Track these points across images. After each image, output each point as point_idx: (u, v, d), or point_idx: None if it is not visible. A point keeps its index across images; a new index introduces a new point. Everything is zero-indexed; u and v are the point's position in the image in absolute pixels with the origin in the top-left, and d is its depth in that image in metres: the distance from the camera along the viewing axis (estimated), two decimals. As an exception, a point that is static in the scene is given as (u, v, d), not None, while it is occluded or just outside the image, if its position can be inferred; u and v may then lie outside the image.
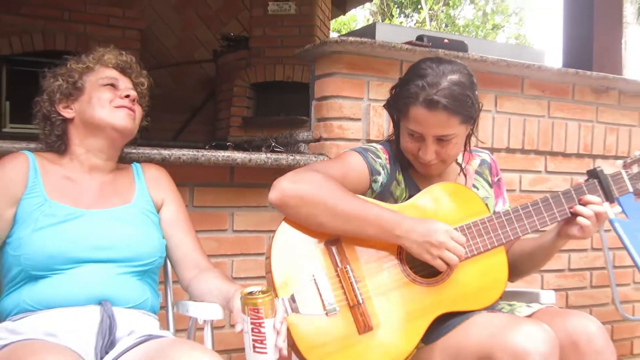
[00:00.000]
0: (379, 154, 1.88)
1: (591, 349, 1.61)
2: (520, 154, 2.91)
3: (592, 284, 3.14)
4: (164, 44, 6.93)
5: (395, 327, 1.69)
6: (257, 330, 1.40)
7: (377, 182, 1.84)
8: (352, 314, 1.67)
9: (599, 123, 3.09)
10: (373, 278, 1.72)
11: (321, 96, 2.55)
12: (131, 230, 1.69)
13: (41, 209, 1.61)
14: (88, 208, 1.67)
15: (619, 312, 2.78)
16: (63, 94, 1.74)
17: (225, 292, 1.63)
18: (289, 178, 1.70)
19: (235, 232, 2.46)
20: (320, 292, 1.67)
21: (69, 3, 5.97)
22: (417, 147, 1.78)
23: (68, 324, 1.52)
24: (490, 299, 1.78)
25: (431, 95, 1.68)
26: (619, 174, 1.82)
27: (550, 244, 1.84)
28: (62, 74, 1.77)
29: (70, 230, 1.60)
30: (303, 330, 1.63)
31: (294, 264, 1.70)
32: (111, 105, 1.72)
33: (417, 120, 1.73)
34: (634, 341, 3.29)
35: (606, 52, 3.38)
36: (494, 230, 1.76)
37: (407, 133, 1.80)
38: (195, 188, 2.38)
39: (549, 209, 1.77)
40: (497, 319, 1.62)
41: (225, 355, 2.44)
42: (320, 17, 6.62)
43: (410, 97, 1.73)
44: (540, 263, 1.92)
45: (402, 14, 17.96)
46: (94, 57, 1.79)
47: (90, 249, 1.60)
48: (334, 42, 2.48)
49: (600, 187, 1.80)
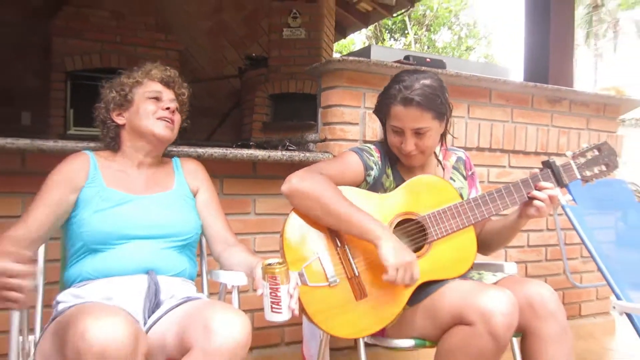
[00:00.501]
0: (372, 152, 1.88)
1: (545, 311, 1.62)
2: (488, 152, 2.90)
3: (547, 257, 3.14)
4: (199, 63, 6.91)
5: (386, 293, 1.70)
6: (274, 294, 1.41)
7: (370, 176, 1.85)
8: (350, 284, 1.69)
9: (553, 127, 3.08)
10: (367, 255, 1.72)
11: (326, 105, 2.55)
12: (171, 212, 1.70)
13: (100, 195, 1.62)
14: (137, 194, 1.68)
15: (569, 280, 2.78)
16: (116, 104, 1.75)
17: (249, 263, 1.64)
18: (298, 175, 1.71)
19: (257, 215, 2.47)
20: (323, 267, 1.69)
21: (122, 30, 6.05)
22: (400, 140, 1.79)
23: (121, 290, 1.54)
24: (462, 269, 1.78)
25: (406, 95, 1.71)
26: (569, 164, 1.81)
27: (514, 223, 1.83)
28: (116, 86, 1.77)
29: (123, 212, 1.62)
30: (311, 298, 1.66)
31: (302, 244, 1.72)
32: (154, 116, 1.71)
33: (397, 116, 1.75)
34: (582, 304, 3.28)
35: (559, 69, 3.36)
36: (465, 213, 1.76)
37: (391, 130, 1.81)
38: (224, 179, 2.39)
39: (510, 195, 1.77)
40: (468, 285, 1.63)
41: (249, 314, 2.44)
42: (325, 41, 6.61)
43: (390, 98, 1.76)
44: (507, 240, 1.91)
45: (392, 37, 17.87)
46: (142, 72, 1.79)
47: (138, 228, 1.62)
48: (336, 61, 2.49)
49: (552, 175, 1.79)
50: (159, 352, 1.42)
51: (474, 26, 18.82)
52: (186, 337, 1.34)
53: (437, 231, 1.75)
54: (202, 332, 1.31)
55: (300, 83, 6.30)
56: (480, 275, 1.86)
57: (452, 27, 18.58)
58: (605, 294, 3.34)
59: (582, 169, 1.82)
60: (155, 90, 1.76)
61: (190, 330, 1.34)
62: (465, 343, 1.52)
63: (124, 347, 1.19)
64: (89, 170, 1.67)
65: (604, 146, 1.84)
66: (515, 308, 1.53)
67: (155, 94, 1.75)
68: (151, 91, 1.75)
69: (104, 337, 1.18)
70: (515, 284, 1.69)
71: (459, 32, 18.65)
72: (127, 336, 1.20)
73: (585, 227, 2.35)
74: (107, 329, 1.19)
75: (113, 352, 1.18)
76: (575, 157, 1.83)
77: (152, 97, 1.74)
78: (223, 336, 1.29)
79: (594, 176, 1.82)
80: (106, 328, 1.19)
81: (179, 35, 6.49)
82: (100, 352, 1.16)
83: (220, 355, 1.28)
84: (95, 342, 1.17)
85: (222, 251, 1.78)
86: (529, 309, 1.62)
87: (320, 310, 1.66)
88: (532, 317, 1.62)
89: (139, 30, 6.11)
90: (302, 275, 1.66)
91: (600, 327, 3.33)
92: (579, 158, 1.82)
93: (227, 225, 1.83)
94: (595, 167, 1.82)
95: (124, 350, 1.19)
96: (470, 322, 1.51)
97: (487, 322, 1.48)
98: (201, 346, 1.29)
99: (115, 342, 1.18)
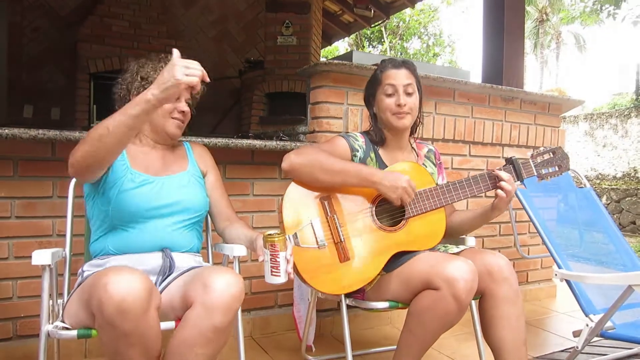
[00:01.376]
0: (357, 138, 1.87)
1: (501, 276, 1.63)
2: (452, 142, 2.90)
3: (500, 233, 3.16)
4: (205, 65, 6.77)
5: (365, 258, 1.71)
6: (274, 260, 1.41)
7: (356, 156, 1.83)
8: (336, 248, 1.69)
9: (506, 122, 3.08)
10: (352, 224, 1.73)
11: (315, 101, 2.52)
12: (186, 190, 1.65)
13: (125, 175, 1.55)
14: (156, 175, 1.62)
15: (519, 252, 2.80)
16: (136, 91, 1.63)
17: (248, 237, 1.63)
18: (294, 152, 1.73)
19: (255, 196, 2.45)
20: (315, 232, 1.70)
21: (139, 37, 6.08)
22: (394, 100, 1.80)
23: (138, 265, 1.51)
24: (432, 243, 1.79)
25: (395, 59, 1.84)
26: (528, 162, 1.83)
27: (485, 214, 1.82)
28: (142, 74, 1.66)
29: (145, 193, 1.56)
30: (302, 258, 1.66)
31: (298, 212, 1.72)
32: (170, 115, 1.63)
33: (390, 76, 1.81)
34: (529, 273, 3.31)
35: (512, 72, 3.36)
36: (438, 197, 1.77)
37: (384, 96, 1.82)
38: (227, 165, 2.37)
39: (477, 184, 1.79)
40: (436, 256, 1.63)
41: (248, 281, 2.45)
42: (313, 47, 6.59)
43: (381, 69, 1.84)
44: (477, 227, 1.90)
45: (370, 45, 17.77)
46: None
47: (158, 208, 1.57)
48: (323, 64, 2.46)
49: (513, 170, 1.81)
50: (170, 312, 1.40)
51: (439, 36, 18.73)
52: (188, 295, 1.33)
53: (414, 209, 1.76)
54: (201, 289, 1.30)
55: (292, 83, 6.30)
56: (446, 248, 1.86)
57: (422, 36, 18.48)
58: (548, 264, 3.38)
59: (539, 168, 1.84)
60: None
61: (192, 289, 1.33)
62: (433, 305, 1.53)
63: (140, 299, 1.19)
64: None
65: (558, 150, 1.87)
66: (475, 276, 1.54)
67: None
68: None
69: (123, 289, 1.18)
70: (475, 254, 1.70)
71: (427, 41, 18.55)
72: (142, 289, 1.20)
73: (532, 207, 2.36)
74: (126, 283, 1.19)
75: (130, 303, 1.17)
76: (533, 157, 1.85)
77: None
78: (220, 290, 1.28)
79: (548, 174, 1.85)
80: (125, 282, 1.19)
81: (187, 42, 6.48)
82: (119, 301, 1.17)
83: (217, 307, 1.27)
84: (116, 293, 1.17)
85: (225, 227, 1.75)
86: (487, 275, 1.63)
87: (309, 269, 1.67)
88: (490, 281, 1.63)
89: (153, 37, 6.13)
90: (295, 237, 1.66)
91: (544, 292, 3.37)
92: (536, 158, 1.85)
93: (230, 204, 1.80)
94: (550, 167, 1.85)
95: (140, 301, 1.19)
96: (437, 287, 1.52)
97: (452, 287, 1.49)
98: (201, 300, 1.28)
99: (132, 294, 1.18)
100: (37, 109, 5.74)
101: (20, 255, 1.99)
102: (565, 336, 2.60)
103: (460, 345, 2.41)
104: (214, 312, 1.27)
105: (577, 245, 2.46)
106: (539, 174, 1.84)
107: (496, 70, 3.39)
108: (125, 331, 1.19)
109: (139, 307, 1.19)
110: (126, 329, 1.19)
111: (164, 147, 1.71)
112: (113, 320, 1.18)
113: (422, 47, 18.59)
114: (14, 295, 2.01)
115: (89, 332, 1.34)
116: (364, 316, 2.66)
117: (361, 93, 2.49)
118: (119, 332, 1.19)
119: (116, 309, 1.17)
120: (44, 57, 5.88)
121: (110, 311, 1.17)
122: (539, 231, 2.27)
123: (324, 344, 2.39)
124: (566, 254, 2.27)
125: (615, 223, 2.49)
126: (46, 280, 1.42)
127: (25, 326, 2.03)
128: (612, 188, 8.93)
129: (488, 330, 1.67)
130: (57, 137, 1.90)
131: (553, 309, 3.15)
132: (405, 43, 18.18)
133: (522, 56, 3.46)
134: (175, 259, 1.57)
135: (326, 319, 2.55)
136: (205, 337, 1.28)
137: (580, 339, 2.01)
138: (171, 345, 1.31)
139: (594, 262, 2.37)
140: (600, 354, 2.32)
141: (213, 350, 1.31)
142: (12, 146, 1.95)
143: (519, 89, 3.14)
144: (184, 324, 1.30)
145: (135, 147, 1.66)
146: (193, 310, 1.29)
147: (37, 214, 2.02)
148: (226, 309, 1.28)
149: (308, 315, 2.13)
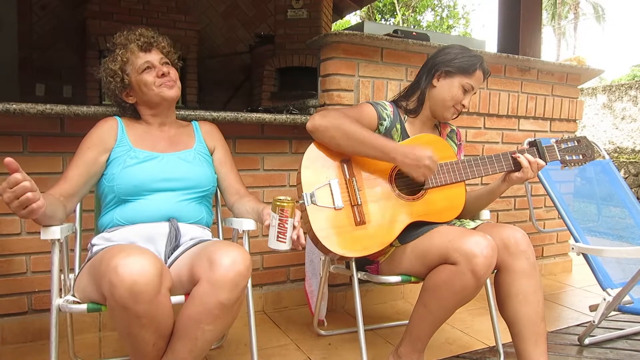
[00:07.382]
0: (386, 107, 1.84)
1: (518, 250, 1.60)
2: (467, 115, 2.84)
3: (515, 207, 3.11)
4: (215, 41, 6.79)
5: (381, 224, 1.69)
6: (281, 225, 1.39)
7: (383, 125, 1.81)
8: (352, 211, 1.68)
9: (522, 93, 3.00)
10: (370, 189, 1.72)
11: (325, 74, 2.47)
12: (191, 167, 1.65)
13: (128, 154, 1.58)
14: (161, 152, 1.63)
15: (534, 226, 2.76)
16: (119, 90, 1.65)
17: (256, 210, 1.61)
18: (320, 114, 1.70)
19: (265, 171, 2.42)
20: (332, 193, 1.68)
21: (146, 13, 6.00)
22: (462, 98, 1.80)
23: (147, 234, 1.52)
24: (450, 216, 1.78)
25: (485, 66, 1.82)
26: (552, 147, 1.83)
27: (495, 188, 1.84)
28: (110, 75, 1.65)
29: (149, 167, 1.57)
30: (317, 217, 1.65)
31: (317, 172, 1.70)
32: (156, 86, 1.61)
33: (478, 79, 1.81)
34: (544, 247, 3.28)
35: (529, 42, 3.27)
36: (459, 171, 1.77)
37: (461, 86, 1.80)
38: (236, 140, 2.34)
39: (499, 162, 1.79)
40: (454, 230, 1.60)
41: (259, 256, 2.44)
42: (324, 20, 6.50)
43: (475, 64, 1.80)
44: (486, 204, 1.90)
45: (382, 18, 17.50)
46: (122, 50, 1.65)
47: (162, 181, 1.57)
48: (334, 34, 2.39)
49: (537, 153, 1.81)
50: (179, 287, 1.40)
51: (454, 8, 18.36)
52: (194, 271, 1.32)
53: (434, 181, 1.75)
54: (207, 265, 1.29)
55: (303, 57, 6.24)
56: (462, 222, 1.82)
57: (435, 8, 18.16)
58: (564, 238, 3.33)
59: (564, 154, 1.84)
60: (144, 62, 1.62)
61: (198, 264, 1.32)
62: (450, 280, 1.51)
63: (151, 281, 1.18)
64: (118, 133, 1.61)
65: (583, 139, 1.87)
66: (495, 252, 1.51)
67: (145, 65, 1.62)
68: (140, 65, 1.62)
69: (135, 272, 1.16)
70: (492, 228, 1.67)
71: (440, 13, 18.23)
72: (153, 272, 1.19)
73: (550, 180, 2.32)
74: (137, 265, 1.17)
75: (142, 285, 1.16)
76: (558, 142, 1.85)
77: (145, 69, 1.62)
78: (225, 267, 1.26)
79: (572, 162, 1.84)
80: (136, 264, 1.17)
81: (196, 17, 6.40)
82: (130, 284, 1.15)
83: (223, 284, 1.26)
84: (127, 276, 1.16)
85: (234, 202, 1.73)
86: (504, 249, 1.60)
87: (323, 228, 1.65)
88: (507, 255, 1.60)
89: (162, 12, 6.05)
90: (312, 196, 1.65)
91: (559, 267, 3.34)
92: (560, 144, 1.85)
93: (239, 179, 1.78)
94: (574, 155, 1.85)
95: (151, 283, 1.18)
96: (455, 262, 1.49)
97: (470, 263, 1.47)
98: (206, 277, 1.27)
99: (143, 276, 1.17)
100: (49, 88, 5.74)
101: (32, 230, 2.00)
102: (581, 310, 2.57)
103: (474, 320, 2.39)
104: (219, 288, 1.26)
105: (595, 219, 2.41)
106: (562, 160, 1.83)
107: (512, 39, 3.30)
108: (138, 313, 1.19)
109: (151, 290, 1.18)
110: (138, 311, 1.18)
111: (170, 127, 1.71)
112: (125, 303, 1.17)
113: (436, 20, 18.26)
114: (28, 270, 2.02)
115: (98, 306, 1.34)
116: (376, 291, 2.65)
117: (372, 65, 2.45)
118: (131, 314, 1.19)
119: (128, 292, 1.16)
120: (53, 35, 5.85)
121: (122, 294, 1.16)
122: (556, 204, 2.23)
123: (336, 318, 2.39)
124: (583, 228, 2.23)
125: (634, 196, 2.43)
126: (56, 254, 1.42)
127: (40, 300, 2.05)
128: (630, 161, 8.76)
129: (504, 304, 1.64)
130: (65, 112, 1.88)
131: (568, 283, 3.12)
132: (418, 16, 17.87)
133: (539, 24, 3.36)
134: (182, 229, 1.57)
135: (338, 293, 2.54)
136: (212, 313, 1.27)
137: (597, 313, 1.98)
138: (179, 322, 1.31)
139: (612, 237, 2.33)
140: (617, 328, 2.29)
141: (220, 326, 1.30)
142: (21, 122, 1.94)
143: (536, 58, 3.05)
144: (191, 301, 1.29)
145: (142, 128, 1.67)
146: (199, 287, 1.28)
147: (48, 189, 2.01)
148: (232, 286, 1.27)
149: (320, 290, 2.13)
